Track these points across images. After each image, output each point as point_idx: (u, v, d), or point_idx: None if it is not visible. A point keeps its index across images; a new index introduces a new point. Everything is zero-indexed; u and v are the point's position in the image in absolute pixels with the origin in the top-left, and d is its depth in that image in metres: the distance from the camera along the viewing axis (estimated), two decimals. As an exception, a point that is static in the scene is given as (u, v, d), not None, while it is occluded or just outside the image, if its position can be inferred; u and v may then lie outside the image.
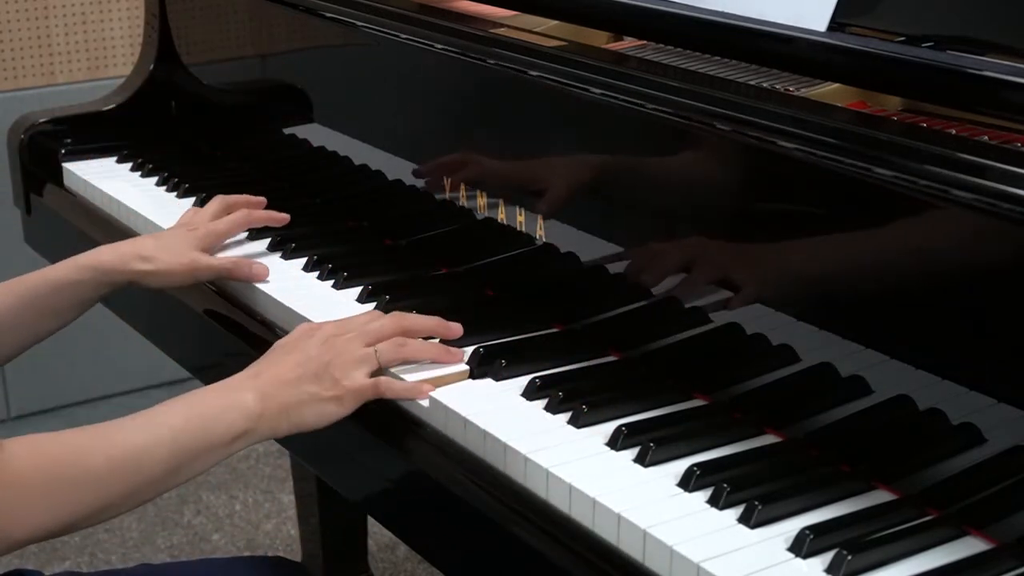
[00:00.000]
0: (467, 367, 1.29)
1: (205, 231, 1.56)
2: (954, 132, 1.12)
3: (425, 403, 1.26)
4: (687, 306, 1.27)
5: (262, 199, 1.64)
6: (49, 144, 2.00)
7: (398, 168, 1.63)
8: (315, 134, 1.78)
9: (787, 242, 1.19)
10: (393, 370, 1.29)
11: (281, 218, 1.61)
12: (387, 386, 1.26)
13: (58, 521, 1.12)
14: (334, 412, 1.24)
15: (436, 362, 1.30)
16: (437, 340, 1.33)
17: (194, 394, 1.23)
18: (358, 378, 1.25)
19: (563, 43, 1.41)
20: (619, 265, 1.34)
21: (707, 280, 1.25)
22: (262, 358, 1.28)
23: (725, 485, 1.08)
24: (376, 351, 1.27)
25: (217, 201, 1.62)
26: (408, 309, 1.40)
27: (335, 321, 1.32)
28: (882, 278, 1.11)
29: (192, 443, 1.18)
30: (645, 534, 1.04)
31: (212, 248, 1.56)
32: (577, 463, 1.14)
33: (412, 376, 1.28)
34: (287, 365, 1.25)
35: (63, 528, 1.13)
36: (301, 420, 1.24)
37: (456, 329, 1.33)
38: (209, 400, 1.22)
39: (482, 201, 1.49)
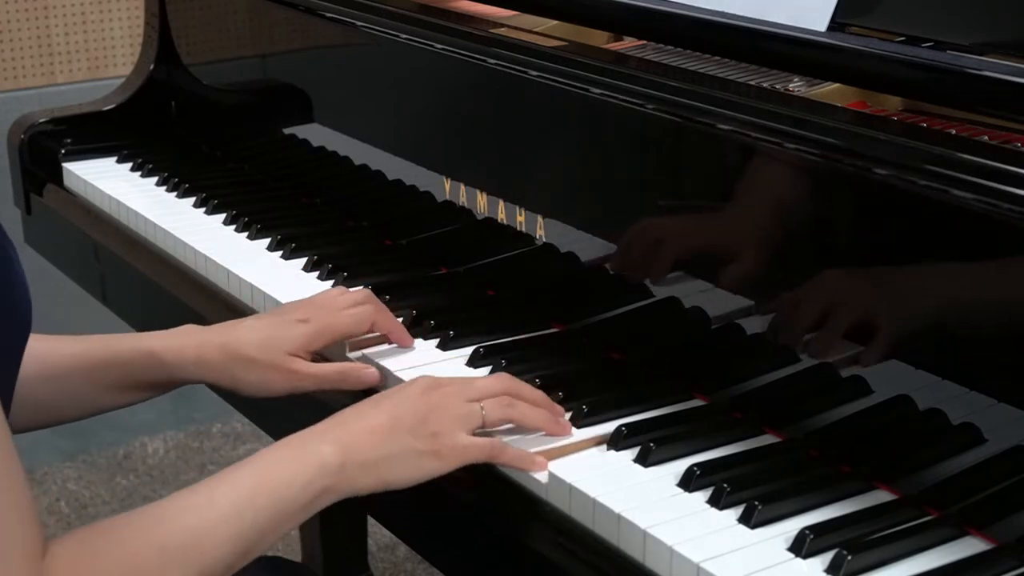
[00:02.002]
0: (584, 439, 1.18)
1: (320, 324, 1.29)
2: (954, 132, 1.12)
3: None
4: (687, 306, 1.27)
5: (396, 319, 1.36)
6: (49, 144, 2.00)
7: (398, 168, 1.63)
8: (315, 134, 1.78)
9: (787, 242, 1.19)
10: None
11: (404, 339, 1.35)
12: (502, 451, 1.13)
13: None
14: (433, 468, 1.11)
15: (547, 432, 1.17)
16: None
17: (264, 454, 1.08)
18: (461, 436, 1.12)
19: (563, 43, 1.41)
20: (619, 265, 1.34)
21: (706, 280, 1.25)
22: (350, 408, 1.14)
23: (725, 485, 1.08)
24: (483, 407, 1.14)
25: (338, 293, 1.35)
26: (409, 309, 1.40)
27: (434, 377, 1.18)
28: (882, 278, 1.11)
29: (261, 517, 1.04)
30: (645, 534, 1.04)
31: (323, 347, 1.30)
32: (577, 463, 1.14)
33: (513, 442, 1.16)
34: (378, 415, 1.11)
35: None
36: (392, 475, 1.10)
37: (559, 409, 1.20)
38: (279, 461, 1.07)
39: (482, 201, 1.49)
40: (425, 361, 1.32)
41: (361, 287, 1.39)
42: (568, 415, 1.21)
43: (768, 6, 1.30)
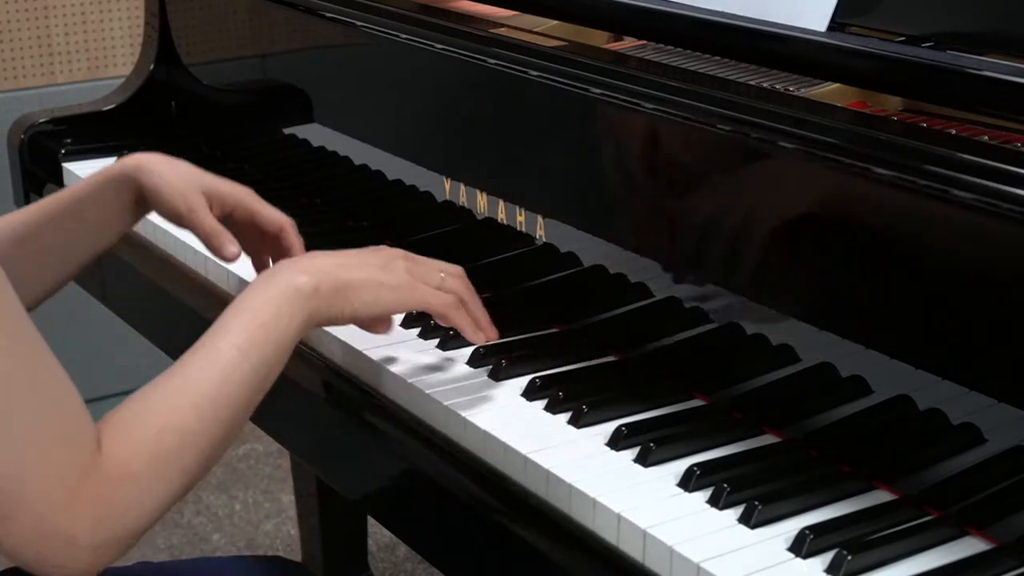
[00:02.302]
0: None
1: (244, 193, 1.43)
2: (954, 132, 1.12)
3: (425, 402, 1.26)
4: (687, 306, 1.27)
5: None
6: (49, 144, 2.00)
7: (398, 168, 1.63)
8: (315, 134, 1.78)
9: (787, 242, 1.19)
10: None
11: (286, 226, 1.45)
12: (457, 310, 1.25)
13: (175, 493, 1.06)
14: (392, 299, 1.22)
15: (472, 326, 1.27)
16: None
17: (247, 298, 1.16)
18: (420, 284, 1.23)
19: (563, 43, 1.41)
20: (619, 265, 1.34)
21: (707, 279, 1.25)
22: (318, 252, 1.25)
23: (725, 485, 1.08)
24: (442, 275, 1.26)
25: (246, 193, 1.46)
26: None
27: None
28: (882, 278, 1.11)
29: (264, 352, 1.13)
30: (645, 534, 1.04)
31: (228, 210, 1.42)
32: (577, 463, 1.14)
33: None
34: (346, 255, 1.23)
35: (181, 496, 1.08)
36: (356, 304, 1.20)
37: (492, 332, 1.30)
38: (264, 301, 1.16)
39: (482, 201, 1.49)
40: (425, 361, 1.32)
41: None
42: (568, 415, 1.21)
43: (768, 6, 1.30)
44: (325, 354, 1.39)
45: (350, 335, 1.36)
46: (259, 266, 1.45)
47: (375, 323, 1.29)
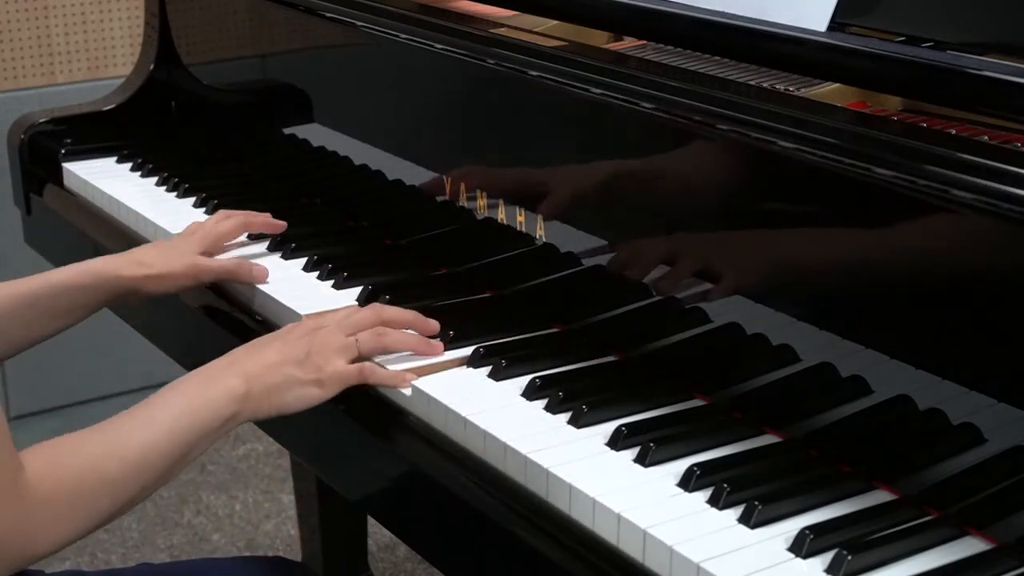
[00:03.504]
0: (449, 357, 1.32)
1: (203, 232, 1.57)
2: (954, 132, 1.12)
3: (425, 402, 1.26)
4: (687, 306, 1.27)
5: (265, 213, 1.64)
6: (49, 144, 2.00)
7: (398, 168, 1.63)
8: (315, 134, 1.78)
9: (787, 242, 1.19)
10: (377, 359, 1.32)
11: (278, 225, 1.62)
12: (371, 372, 1.29)
13: (80, 530, 1.15)
14: (315, 395, 1.28)
15: (416, 353, 1.33)
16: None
17: (181, 383, 1.25)
18: (339, 364, 1.29)
19: (563, 43, 1.41)
20: (619, 265, 1.34)
21: (707, 279, 1.25)
22: (240, 347, 1.31)
23: (725, 485, 1.08)
24: (357, 340, 1.30)
25: (219, 213, 1.63)
26: (409, 309, 1.40)
27: (315, 314, 1.38)
28: (882, 278, 1.11)
29: (188, 434, 1.21)
30: (645, 534, 1.04)
31: (213, 251, 1.56)
32: (577, 463, 1.14)
33: (395, 367, 1.31)
34: (269, 351, 1.29)
35: (84, 534, 1.16)
36: (282, 402, 1.27)
37: (433, 325, 1.35)
38: (199, 389, 1.25)
39: (482, 201, 1.49)
40: (424, 361, 1.32)
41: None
42: (568, 415, 1.21)
43: (768, 6, 1.30)
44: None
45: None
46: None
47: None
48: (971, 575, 1.01)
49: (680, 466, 1.12)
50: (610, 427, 1.18)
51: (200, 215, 1.75)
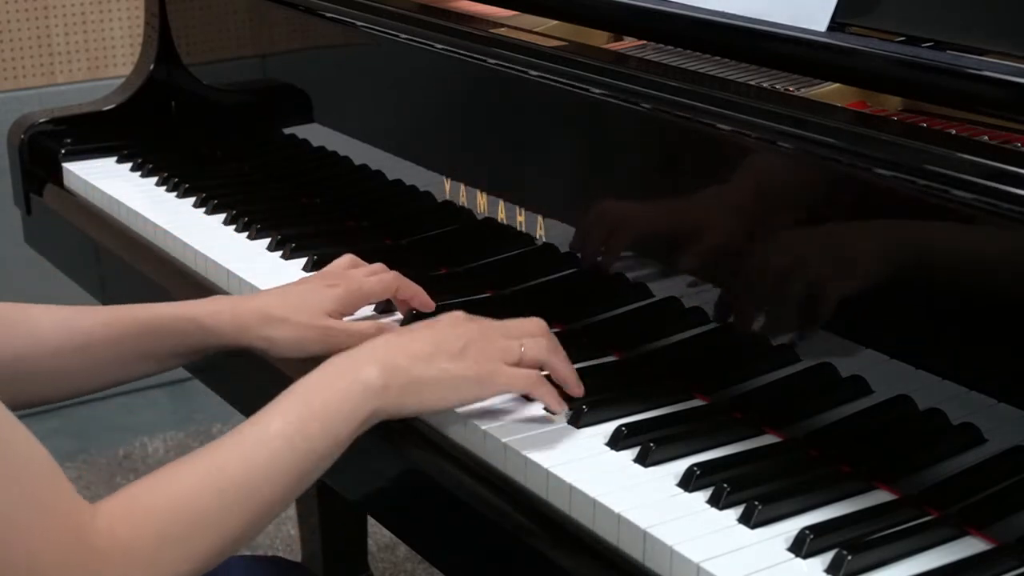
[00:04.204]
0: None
1: (349, 288, 1.33)
2: (954, 132, 1.12)
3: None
4: (687, 306, 1.27)
5: (417, 287, 1.39)
6: (49, 144, 2.00)
7: (398, 168, 1.63)
8: (315, 134, 1.78)
9: (787, 242, 1.19)
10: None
11: (427, 303, 1.38)
12: (539, 384, 1.16)
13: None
14: (471, 392, 1.15)
15: (568, 384, 1.20)
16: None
17: (308, 383, 1.08)
18: (500, 365, 1.15)
19: (563, 43, 1.41)
20: (619, 265, 1.34)
21: (706, 279, 1.25)
22: (389, 334, 1.17)
23: (725, 485, 1.08)
24: (522, 345, 1.17)
25: (375, 266, 1.39)
26: (410, 309, 1.40)
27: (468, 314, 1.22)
28: (882, 278, 1.11)
29: (314, 445, 1.05)
30: (645, 534, 1.04)
31: (352, 311, 1.34)
32: (577, 463, 1.14)
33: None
34: (419, 341, 1.14)
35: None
36: (432, 398, 1.13)
37: (579, 390, 1.21)
38: (325, 389, 1.08)
39: (482, 201, 1.49)
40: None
41: (378, 263, 1.40)
42: (568, 415, 1.21)
43: (768, 6, 1.30)
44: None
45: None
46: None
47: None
48: (971, 575, 1.01)
49: (680, 466, 1.12)
50: (610, 427, 1.18)
51: (200, 215, 1.75)
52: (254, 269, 1.56)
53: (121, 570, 0.95)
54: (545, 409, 1.20)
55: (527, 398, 1.23)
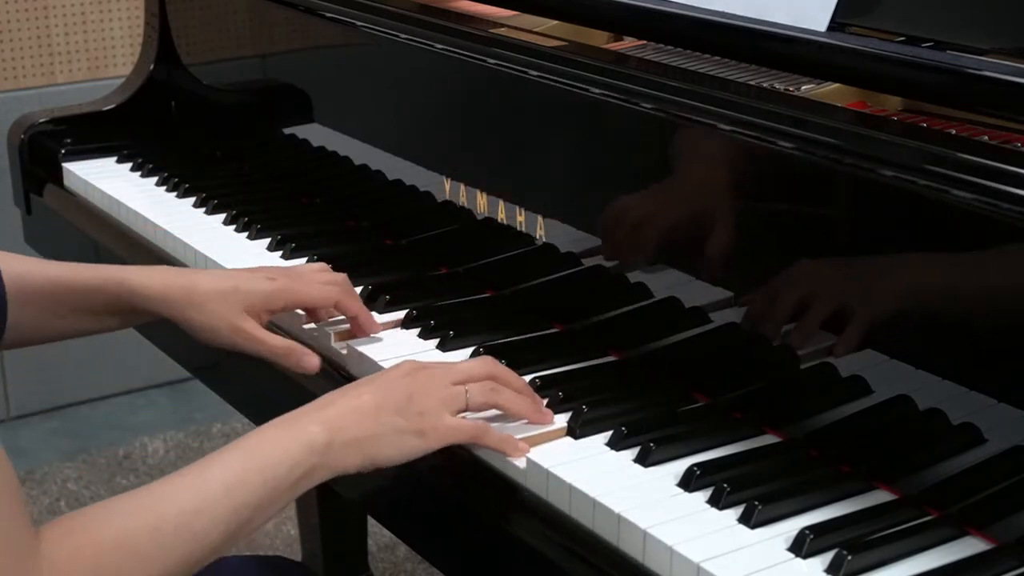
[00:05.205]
0: (563, 426, 1.19)
1: (287, 286, 1.34)
2: (954, 132, 1.12)
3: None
4: (687, 306, 1.28)
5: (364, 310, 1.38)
6: (49, 144, 2.00)
7: (398, 168, 1.63)
8: (315, 134, 1.78)
9: (787, 242, 1.19)
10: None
11: (367, 326, 1.37)
12: (485, 433, 1.15)
13: None
14: (416, 447, 1.13)
15: (530, 421, 1.19)
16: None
17: (253, 436, 1.10)
18: (445, 417, 1.14)
19: (563, 43, 1.41)
20: (619, 265, 1.34)
21: (707, 279, 1.25)
22: (335, 391, 1.16)
23: (725, 485, 1.08)
24: (467, 391, 1.16)
25: (321, 266, 1.42)
26: (409, 309, 1.40)
27: (417, 360, 1.21)
28: (882, 278, 1.11)
29: (251, 496, 1.05)
30: (645, 534, 1.04)
31: (280, 308, 1.35)
32: (577, 463, 1.14)
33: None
34: (364, 396, 1.13)
35: None
36: (377, 453, 1.12)
37: (547, 413, 1.21)
38: (268, 442, 1.09)
39: (482, 201, 1.49)
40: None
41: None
42: (568, 415, 1.21)
43: (768, 6, 1.30)
44: (323, 354, 1.39)
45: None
46: (316, 319, 1.40)
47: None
48: (971, 575, 1.01)
49: (680, 466, 1.12)
50: (610, 427, 1.18)
51: (200, 215, 1.75)
52: (254, 269, 1.56)
53: None
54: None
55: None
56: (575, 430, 1.19)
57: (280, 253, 1.60)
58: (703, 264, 1.26)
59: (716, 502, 1.08)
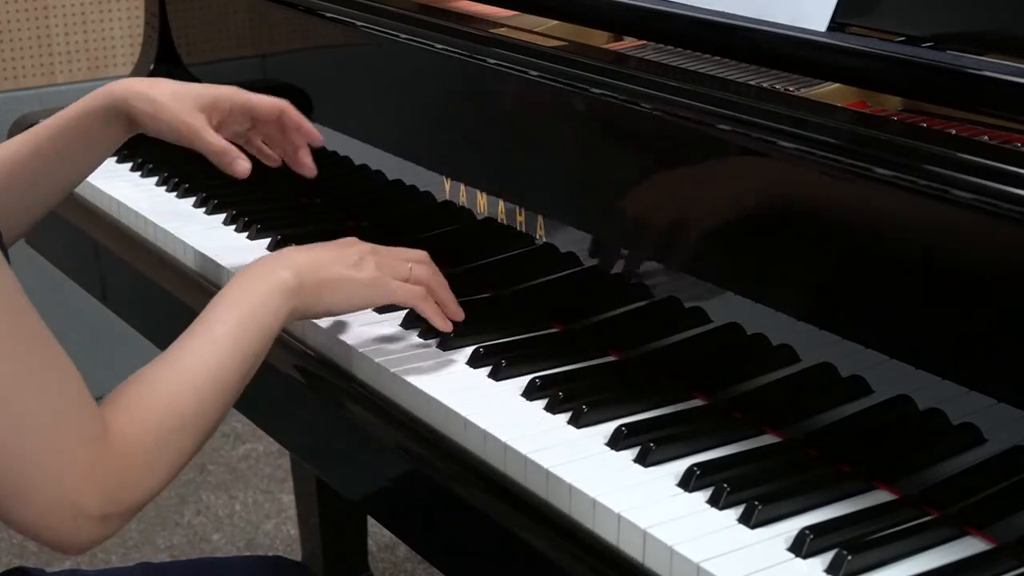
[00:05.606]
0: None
1: (225, 90, 1.52)
2: (954, 132, 1.12)
3: (425, 402, 1.26)
4: (687, 306, 1.28)
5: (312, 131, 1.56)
6: (49, 144, 2.00)
7: (398, 168, 1.63)
8: (315, 134, 1.78)
9: (787, 242, 1.19)
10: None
11: (316, 136, 1.55)
12: (424, 301, 1.31)
13: (175, 467, 1.13)
14: (366, 295, 1.29)
15: (448, 313, 1.34)
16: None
17: (233, 290, 1.23)
18: (392, 279, 1.30)
19: (563, 43, 1.41)
20: (619, 265, 1.34)
21: (707, 279, 1.25)
22: (297, 247, 1.32)
23: (725, 485, 1.08)
24: (411, 266, 1.32)
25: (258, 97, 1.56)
26: (409, 309, 1.40)
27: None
28: (882, 278, 1.11)
29: (253, 342, 1.20)
30: (645, 534, 1.04)
31: (221, 109, 1.51)
32: (577, 463, 1.14)
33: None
34: (324, 251, 1.30)
35: (179, 471, 1.15)
36: (333, 300, 1.28)
37: (460, 314, 1.36)
38: (251, 293, 1.23)
39: (482, 201, 1.49)
40: (425, 361, 1.32)
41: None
42: (568, 415, 1.21)
43: (768, 6, 1.30)
44: (316, 348, 1.39)
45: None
46: (256, 150, 1.57)
47: None
48: (971, 575, 1.01)
49: (680, 466, 1.12)
50: (610, 427, 1.18)
51: (200, 215, 1.75)
52: (254, 269, 1.56)
53: (135, 468, 1.09)
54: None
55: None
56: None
57: (280, 253, 1.60)
58: (703, 264, 1.26)
59: (716, 502, 1.08)
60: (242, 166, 1.48)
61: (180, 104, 1.47)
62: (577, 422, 1.20)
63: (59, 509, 1.05)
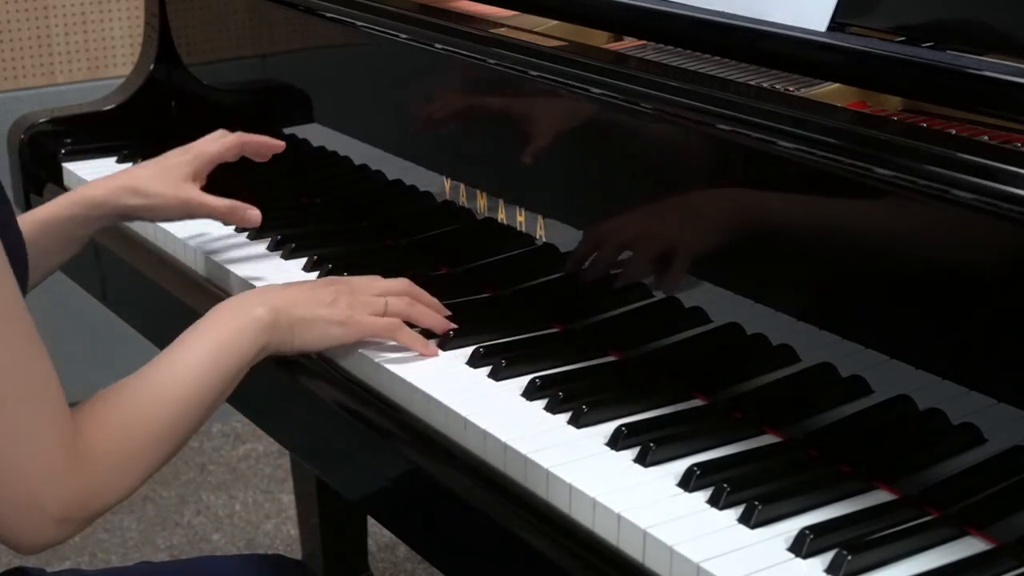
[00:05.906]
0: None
1: (196, 152, 1.58)
2: (954, 132, 1.12)
3: (425, 402, 1.26)
4: (687, 306, 1.28)
5: (263, 137, 1.64)
6: (49, 144, 2.00)
7: (398, 168, 1.63)
8: (315, 134, 1.78)
9: (787, 242, 1.19)
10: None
11: (276, 145, 1.62)
12: (399, 328, 1.33)
13: (143, 476, 1.18)
14: (338, 334, 1.32)
15: (436, 332, 1.35)
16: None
17: (212, 320, 1.27)
18: (366, 315, 1.32)
19: (563, 43, 1.41)
20: (619, 265, 1.34)
21: (707, 279, 1.25)
22: (267, 285, 1.37)
23: (725, 485, 1.08)
24: (387, 301, 1.34)
25: (215, 132, 1.64)
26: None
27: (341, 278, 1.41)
28: (882, 278, 1.11)
29: (230, 368, 1.24)
30: (645, 534, 1.04)
31: (204, 172, 1.59)
32: (577, 463, 1.14)
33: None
34: (298, 290, 1.33)
35: (147, 479, 1.19)
36: (305, 338, 1.30)
37: (449, 325, 1.37)
38: (229, 324, 1.26)
39: (482, 201, 1.49)
40: (425, 361, 1.32)
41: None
42: (568, 415, 1.21)
43: (768, 6, 1.30)
44: (326, 354, 1.39)
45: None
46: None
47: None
48: (971, 575, 1.01)
49: (680, 466, 1.12)
50: (610, 427, 1.18)
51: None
52: (255, 269, 1.56)
53: (103, 473, 1.13)
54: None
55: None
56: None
57: (280, 253, 1.60)
58: (702, 264, 1.26)
59: (716, 502, 1.08)
60: (254, 215, 1.55)
61: (166, 185, 1.54)
62: (577, 422, 1.20)
63: (24, 508, 1.08)
